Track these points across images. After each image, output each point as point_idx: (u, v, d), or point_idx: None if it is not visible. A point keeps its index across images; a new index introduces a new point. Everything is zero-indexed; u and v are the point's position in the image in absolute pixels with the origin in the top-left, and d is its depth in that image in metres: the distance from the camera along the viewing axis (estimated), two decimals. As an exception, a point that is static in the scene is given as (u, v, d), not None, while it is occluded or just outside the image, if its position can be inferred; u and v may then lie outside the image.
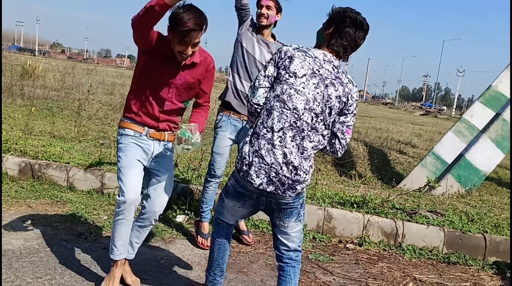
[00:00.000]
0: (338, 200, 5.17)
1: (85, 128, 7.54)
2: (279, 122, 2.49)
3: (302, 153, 2.52)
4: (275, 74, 2.59)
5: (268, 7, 3.99)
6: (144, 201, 3.15)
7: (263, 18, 4.01)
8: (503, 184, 8.59)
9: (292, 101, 2.49)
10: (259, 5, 4.03)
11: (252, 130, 2.59)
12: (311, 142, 2.55)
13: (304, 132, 2.52)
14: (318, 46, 2.74)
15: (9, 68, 14.68)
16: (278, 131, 2.49)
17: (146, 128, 3.05)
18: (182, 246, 4.21)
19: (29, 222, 4.21)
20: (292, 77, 2.51)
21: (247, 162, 2.52)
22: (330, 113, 2.57)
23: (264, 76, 2.61)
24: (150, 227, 3.23)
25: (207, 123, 9.20)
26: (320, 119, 2.55)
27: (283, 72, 2.54)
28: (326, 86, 2.53)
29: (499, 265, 4.55)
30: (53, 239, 3.92)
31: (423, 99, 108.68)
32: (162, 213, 3.20)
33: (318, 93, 2.52)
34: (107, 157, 5.79)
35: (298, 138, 2.51)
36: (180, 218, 4.77)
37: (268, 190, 2.51)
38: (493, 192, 7.45)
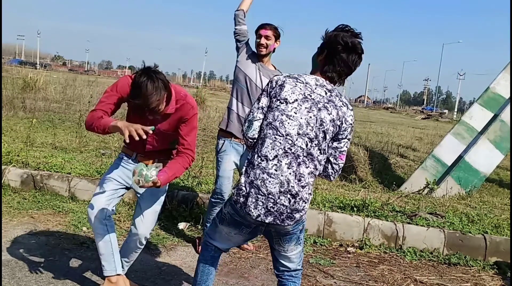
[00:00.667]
0: (338, 204, 5.20)
1: (87, 138, 7.60)
2: (273, 149, 2.42)
3: (299, 181, 2.43)
4: (268, 104, 2.54)
5: (267, 37, 4.04)
6: (133, 223, 3.21)
7: (262, 48, 4.05)
8: (504, 186, 8.61)
9: (285, 127, 2.43)
10: (258, 35, 4.07)
11: (247, 160, 2.55)
12: (307, 168, 2.45)
13: (299, 158, 2.43)
14: (313, 71, 2.69)
15: (10, 81, 14.81)
16: (273, 159, 2.41)
17: (135, 153, 3.15)
18: (184, 253, 4.24)
19: (32, 232, 4.26)
20: (283, 103, 2.46)
21: (243, 193, 2.45)
22: (324, 138, 2.48)
23: (258, 108, 2.55)
24: (139, 249, 3.25)
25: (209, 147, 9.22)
26: (315, 144, 2.47)
27: (274, 100, 2.49)
28: (319, 109, 2.47)
29: (500, 265, 4.57)
30: (55, 249, 3.96)
31: (424, 103, 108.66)
32: (148, 237, 3.22)
33: (311, 117, 2.45)
34: (108, 166, 5.83)
35: (294, 164, 2.42)
36: (181, 225, 4.80)
37: (266, 221, 2.44)
38: (494, 194, 7.47)
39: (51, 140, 7.32)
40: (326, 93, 2.51)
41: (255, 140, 2.54)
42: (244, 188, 2.45)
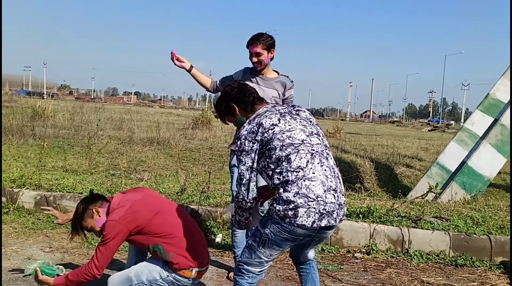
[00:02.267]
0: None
1: (96, 161, 7.78)
2: (302, 158, 2.56)
3: (334, 172, 2.64)
4: (257, 148, 2.64)
5: (257, 54, 3.95)
6: None
7: (257, 64, 4.02)
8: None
9: (296, 137, 2.62)
10: (249, 52, 4.01)
11: (275, 183, 2.59)
12: (331, 158, 2.71)
13: (324, 153, 2.65)
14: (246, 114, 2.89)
15: (19, 111, 15.11)
16: (306, 165, 2.55)
17: None
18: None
19: (48, 249, 4.41)
20: (274, 128, 2.64)
21: (292, 206, 2.49)
22: (320, 129, 2.79)
23: (247, 170, 2.65)
24: None
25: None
26: (322, 136, 2.75)
27: (266, 135, 2.63)
28: (297, 114, 2.79)
29: (506, 265, 4.63)
30: (70, 264, 4.10)
31: (430, 115, 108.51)
32: None
33: (300, 121, 2.73)
34: (118, 186, 5.99)
35: (323, 160, 2.62)
36: (218, 238, 4.95)
37: (322, 224, 2.52)
38: (500, 198, 7.52)
39: (62, 163, 7.51)
40: (284, 106, 2.92)
41: (255, 201, 2.72)
42: (292, 201, 2.50)
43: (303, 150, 2.59)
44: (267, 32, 4.00)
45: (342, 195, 2.67)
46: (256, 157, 2.65)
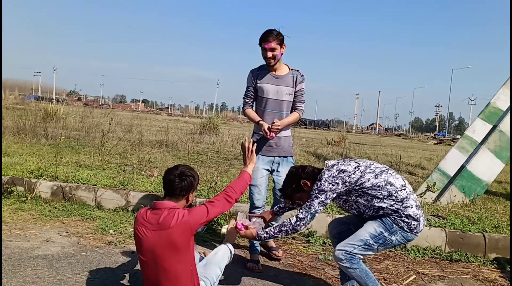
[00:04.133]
0: (346, 209, 5.53)
1: (108, 157, 8.06)
2: (398, 178, 3.33)
3: None
4: (335, 189, 3.26)
5: (272, 49, 4.12)
6: None
7: (271, 60, 4.17)
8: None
9: (380, 167, 3.37)
10: (263, 48, 4.15)
11: (389, 204, 3.26)
12: None
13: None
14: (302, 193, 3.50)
15: (31, 113, 15.48)
16: (404, 184, 3.32)
17: None
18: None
19: (64, 234, 4.68)
20: (358, 168, 3.30)
21: (416, 217, 3.28)
22: None
23: (319, 203, 3.27)
24: None
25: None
26: None
27: (353, 176, 3.26)
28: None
29: (499, 261, 4.85)
30: (86, 246, 4.37)
31: (437, 129, 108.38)
32: None
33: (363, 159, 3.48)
34: (131, 179, 6.26)
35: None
36: (224, 229, 5.16)
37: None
38: (498, 203, 7.71)
39: (75, 159, 7.80)
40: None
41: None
42: (416, 214, 3.27)
43: (392, 172, 3.34)
44: (277, 28, 4.20)
45: None
46: (332, 196, 3.27)
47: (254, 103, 4.45)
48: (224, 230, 5.17)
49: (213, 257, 3.40)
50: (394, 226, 3.27)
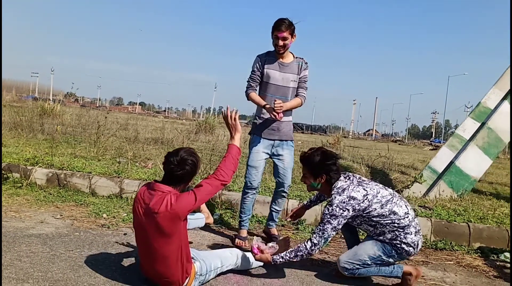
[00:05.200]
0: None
1: (103, 149, 8.17)
2: (402, 206, 3.55)
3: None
4: (346, 214, 3.45)
5: (284, 38, 4.23)
6: None
7: (281, 48, 4.28)
8: (500, 198, 8.96)
9: (385, 196, 3.55)
10: (275, 36, 4.25)
11: (390, 233, 3.51)
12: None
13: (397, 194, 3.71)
14: (326, 190, 3.73)
15: (28, 110, 15.56)
16: (407, 211, 3.55)
17: None
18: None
19: (58, 216, 4.79)
20: (366, 197, 3.49)
21: (415, 244, 3.53)
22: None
23: (332, 229, 3.45)
24: None
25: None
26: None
27: (362, 204, 3.46)
28: (363, 179, 3.71)
29: (483, 250, 4.97)
30: (79, 228, 4.48)
31: (433, 136, 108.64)
32: None
33: (371, 182, 3.66)
34: (125, 169, 6.38)
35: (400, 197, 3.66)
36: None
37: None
38: (486, 199, 7.84)
39: (71, 151, 7.90)
40: (351, 178, 3.69)
41: None
42: (414, 241, 3.52)
43: (396, 199, 3.54)
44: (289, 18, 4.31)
45: None
46: (343, 221, 3.46)
47: (258, 87, 4.54)
48: (216, 216, 5.29)
49: (221, 251, 3.58)
50: (393, 251, 3.54)
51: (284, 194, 4.62)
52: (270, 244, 3.66)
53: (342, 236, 4.33)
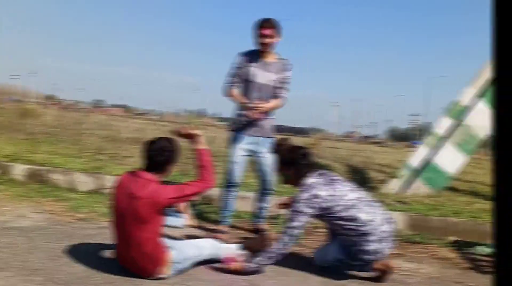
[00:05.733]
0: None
1: (84, 147, 8.17)
2: (367, 213, 3.46)
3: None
4: (311, 212, 3.44)
5: (270, 36, 4.21)
6: None
7: (266, 46, 4.26)
8: (477, 195, 9.11)
9: (351, 199, 3.50)
10: (260, 34, 4.21)
11: (352, 236, 3.47)
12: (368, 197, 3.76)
13: (366, 198, 3.66)
14: (296, 184, 3.65)
15: (7, 111, 15.46)
16: (371, 219, 3.46)
17: None
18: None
19: (38, 210, 4.80)
20: (332, 198, 3.47)
21: (373, 255, 3.47)
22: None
23: (298, 227, 3.44)
24: None
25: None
26: (356, 186, 3.81)
27: (326, 204, 3.43)
28: (334, 179, 3.69)
29: (459, 243, 5.08)
30: (59, 221, 4.51)
31: (417, 137, 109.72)
32: None
33: (343, 184, 3.66)
34: (105, 165, 6.40)
35: (369, 203, 3.62)
36: None
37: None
38: (463, 196, 8.00)
39: (52, 149, 7.89)
40: (324, 176, 3.68)
41: None
42: (376, 250, 3.44)
43: (363, 204, 3.48)
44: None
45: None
46: (308, 218, 3.47)
47: (239, 85, 4.50)
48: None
49: (198, 240, 3.63)
50: (356, 257, 3.54)
51: (268, 191, 4.65)
52: (240, 252, 3.68)
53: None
